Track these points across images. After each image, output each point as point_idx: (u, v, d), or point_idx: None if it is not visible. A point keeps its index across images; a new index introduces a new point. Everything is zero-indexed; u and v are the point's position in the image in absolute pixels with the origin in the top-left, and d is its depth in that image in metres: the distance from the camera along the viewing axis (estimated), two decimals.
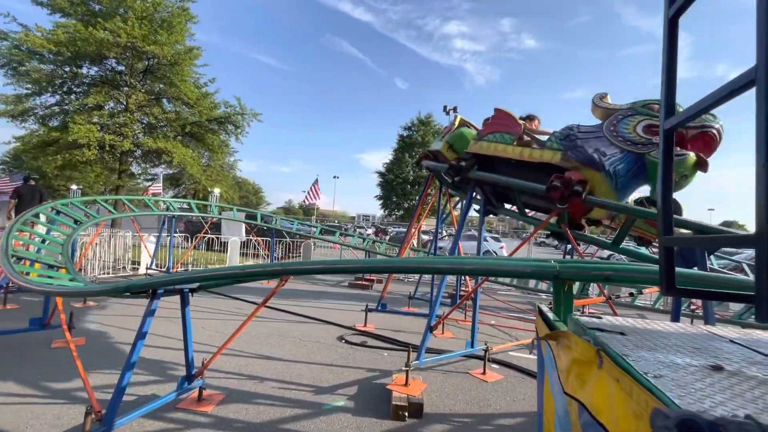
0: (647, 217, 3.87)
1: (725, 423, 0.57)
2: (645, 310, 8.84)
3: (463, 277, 8.05)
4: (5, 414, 3.26)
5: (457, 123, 6.28)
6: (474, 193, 5.60)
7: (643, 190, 4.65)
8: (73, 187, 20.62)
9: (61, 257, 5.30)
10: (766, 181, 0.70)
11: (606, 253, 11.84)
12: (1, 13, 15.18)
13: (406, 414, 3.57)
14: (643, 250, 5.93)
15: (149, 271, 11.28)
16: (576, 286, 8.25)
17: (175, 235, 12.47)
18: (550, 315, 1.85)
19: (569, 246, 7.41)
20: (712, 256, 7.69)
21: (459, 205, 8.43)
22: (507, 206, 5.79)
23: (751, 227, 0.77)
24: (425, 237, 21.68)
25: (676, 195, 4.12)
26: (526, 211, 5.35)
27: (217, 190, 21.09)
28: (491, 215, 6.18)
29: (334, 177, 52.30)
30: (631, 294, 5.90)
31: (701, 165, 3.73)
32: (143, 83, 17.86)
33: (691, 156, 3.70)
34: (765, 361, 1.07)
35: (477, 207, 5.94)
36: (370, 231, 29.39)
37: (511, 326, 7.38)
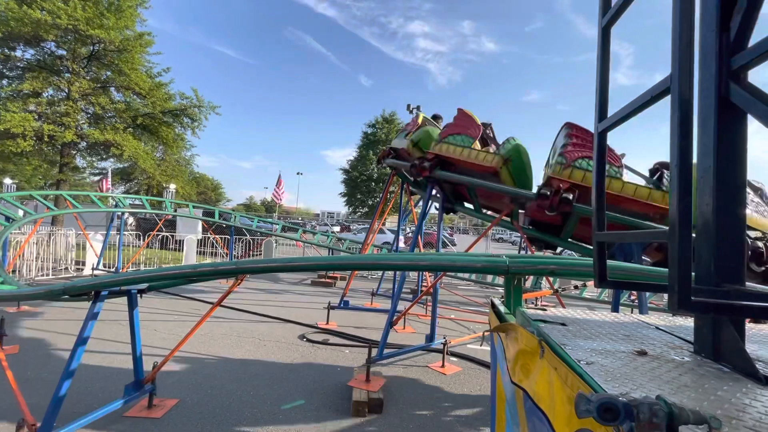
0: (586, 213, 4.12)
1: (637, 404, 0.62)
2: (592, 301, 9.43)
3: (424, 273, 8.19)
4: None
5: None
6: (433, 191, 5.70)
7: None
8: (7, 180, 18.84)
9: None
10: (678, 182, 0.76)
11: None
12: None
13: (367, 410, 3.59)
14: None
15: (96, 272, 10.53)
16: (531, 280, 8.65)
17: (125, 233, 11.74)
18: (502, 308, 1.93)
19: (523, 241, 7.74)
20: None
21: (420, 202, 8.56)
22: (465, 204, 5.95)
23: None
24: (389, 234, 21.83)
25: None
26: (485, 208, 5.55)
27: (172, 186, 20.07)
28: (452, 212, 6.32)
29: (298, 173, 51.72)
30: (576, 287, 6.28)
31: None
32: (88, 70, 16.56)
33: None
34: (683, 346, 1.17)
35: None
36: (336, 228, 29.26)
37: (469, 320, 7.61)
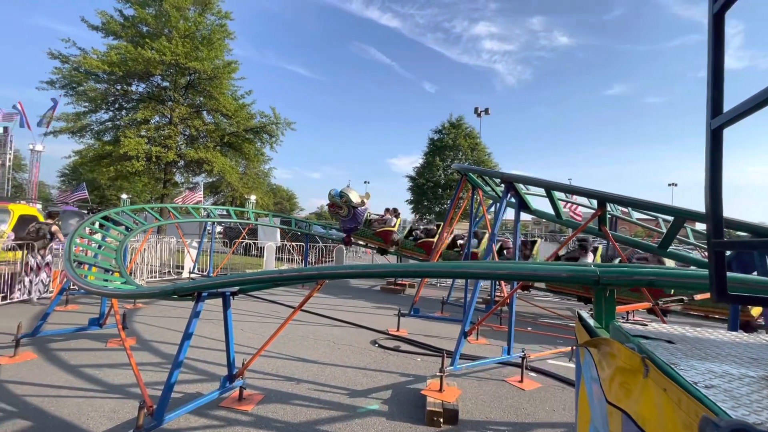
0: (692, 217, 3.64)
1: None
2: (698, 318, 8.26)
3: (498, 282, 7.88)
4: (69, 406, 3.55)
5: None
6: (508, 196, 5.48)
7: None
8: (123, 196, 22.06)
9: (115, 261, 5.71)
10: None
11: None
12: (63, 39, 16.66)
13: (441, 420, 3.54)
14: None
15: (192, 275, 11.86)
16: None
17: (215, 240, 13.05)
18: (591, 322, 1.80)
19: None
20: None
21: (492, 208, 8.28)
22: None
23: None
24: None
25: None
26: (564, 213, 5.17)
27: (253, 197, 21.90)
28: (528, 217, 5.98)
29: (365, 182, 53.26)
30: (681, 300, 5.49)
31: None
32: (185, 97, 18.91)
33: None
34: None
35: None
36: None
37: (549, 333, 7.13)
